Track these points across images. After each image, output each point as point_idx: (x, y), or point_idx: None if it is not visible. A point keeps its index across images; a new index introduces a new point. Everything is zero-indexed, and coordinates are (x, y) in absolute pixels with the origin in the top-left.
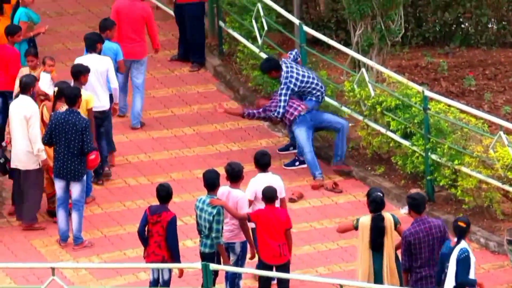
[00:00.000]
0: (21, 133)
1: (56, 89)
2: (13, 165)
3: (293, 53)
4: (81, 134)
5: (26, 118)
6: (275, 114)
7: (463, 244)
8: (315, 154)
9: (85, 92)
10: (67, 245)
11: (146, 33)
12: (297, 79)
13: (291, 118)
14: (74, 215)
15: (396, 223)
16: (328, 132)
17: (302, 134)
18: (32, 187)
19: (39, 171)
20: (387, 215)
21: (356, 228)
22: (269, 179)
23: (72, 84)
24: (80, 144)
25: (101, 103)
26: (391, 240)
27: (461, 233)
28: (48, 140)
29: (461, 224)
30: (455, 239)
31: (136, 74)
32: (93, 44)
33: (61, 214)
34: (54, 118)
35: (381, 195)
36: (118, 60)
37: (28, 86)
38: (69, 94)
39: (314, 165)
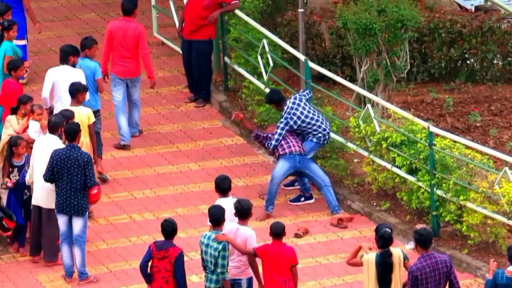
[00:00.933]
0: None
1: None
2: (35, 202)
3: (306, 92)
4: (83, 169)
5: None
6: (268, 144)
7: None
8: (308, 191)
9: (84, 109)
10: (72, 281)
11: (136, 52)
12: (298, 117)
13: (281, 153)
14: (77, 251)
15: (405, 258)
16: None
17: (282, 168)
18: (53, 224)
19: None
20: (395, 250)
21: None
22: (229, 203)
23: (70, 103)
24: (82, 179)
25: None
26: (399, 276)
27: None
28: (49, 177)
29: None
30: (510, 268)
31: (133, 91)
32: (66, 56)
33: (65, 250)
34: (55, 155)
35: (390, 231)
36: (96, 79)
37: (57, 126)
38: (69, 130)
39: (271, 199)
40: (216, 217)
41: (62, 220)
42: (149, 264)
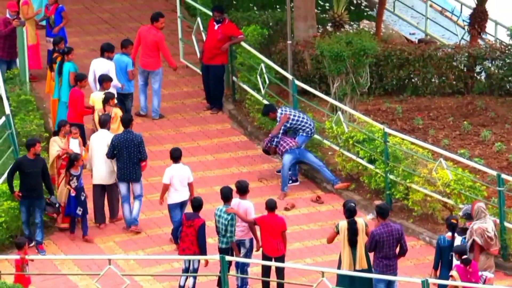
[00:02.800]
0: (103, 158)
1: (103, 96)
2: (97, 182)
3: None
4: (138, 146)
5: (107, 146)
6: (272, 142)
7: (459, 237)
8: (295, 176)
9: (100, 93)
10: (130, 231)
11: (159, 51)
12: (288, 118)
13: (283, 150)
14: (136, 204)
15: (366, 225)
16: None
17: (288, 159)
18: (115, 195)
19: (115, 184)
20: (359, 220)
21: (338, 232)
22: (180, 167)
23: (98, 88)
24: (138, 154)
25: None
26: (362, 238)
27: (454, 228)
28: (111, 155)
29: (454, 221)
30: (449, 233)
31: (153, 81)
32: (102, 52)
33: (126, 208)
34: (116, 139)
35: (354, 205)
36: (128, 70)
37: (106, 122)
38: (124, 119)
39: (285, 182)
40: (226, 195)
41: (123, 186)
42: (179, 230)
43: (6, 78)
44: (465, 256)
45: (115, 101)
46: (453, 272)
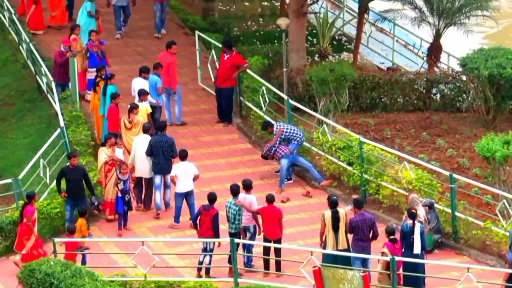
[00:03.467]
0: (145, 156)
1: (129, 106)
2: (139, 175)
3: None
4: (170, 146)
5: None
6: (271, 150)
7: (418, 224)
8: (289, 175)
9: (145, 104)
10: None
11: (176, 71)
12: (282, 132)
13: (280, 156)
14: (168, 192)
15: (346, 215)
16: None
17: (285, 163)
18: (150, 185)
19: (152, 177)
20: (340, 210)
21: (324, 220)
22: (185, 164)
23: (137, 100)
24: (171, 152)
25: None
26: (343, 224)
27: (414, 217)
28: (150, 153)
29: (413, 210)
30: (410, 221)
31: (174, 95)
32: (140, 72)
33: (157, 194)
34: (153, 140)
35: (336, 198)
36: (157, 86)
37: (148, 129)
38: (158, 126)
39: (282, 181)
40: (235, 191)
41: (158, 177)
42: (198, 218)
43: (61, 98)
44: (392, 236)
45: (138, 110)
46: (384, 249)
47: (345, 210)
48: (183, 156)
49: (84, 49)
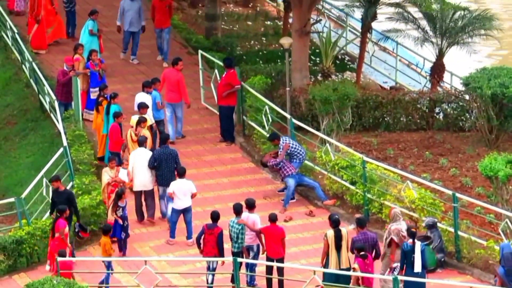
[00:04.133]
0: (145, 169)
1: (136, 119)
2: (139, 188)
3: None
4: (174, 158)
5: (146, 160)
6: (274, 163)
7: (418, 242)
8: (293, 195)
9: (147, 117)
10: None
11: (179, 88)
12: (289, 147)
13: (286, 174)
14: (170, 203)
15: (348, 234)
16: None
17: (292, 183)
18: (152, 197)
19: (152, 189)
20: (343, 229)
21: (327, 239)
22: (184, 181)
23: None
24: (175, 164)
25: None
26: (346, 243)
27: (414, 235)
28: (153, 165)
29: (413, 229)
30: (411, 240)
31: (177, 111)
32: (143, 87)
33: (162, 203)
34: (157, 152)
35: (338, 217)
36: (156, 101)
37: (143, 143)
38: (162, 138)
39: (288, 200)
40: (238, 210)
41: (161, 188)
42: (202, 237)
43: (64, 117)
44: (362, 252)
45: (147, 124)
46: (355, 265)
47: (347, 229)
48: (181, 173)
49: (88, 72)
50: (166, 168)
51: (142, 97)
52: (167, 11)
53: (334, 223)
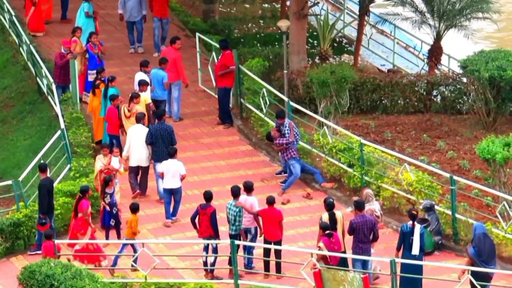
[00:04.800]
0: (142, 145)
1: (130, 95)
2: (135, 164)
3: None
4: (170, 134)
5: (143, 137)
6: (285, 141)
7: (418, 225)
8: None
9: (145, 94)
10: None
11: (176, 67)
12: (293, 126)
13: (291, 156)
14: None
15: (342, 217)
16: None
17: (298, 168)
18: (146, 175)
19: (148, 166)
20: (337, 212)
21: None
22: (174, 162)
23: (137, 90)
24: (170, 140)
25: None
26: (341, 226)
27: (415, 217)
28: (150, 141)
29: (414, 212)
30: (411, 222)
31: (173, 90)
32: (140, 66)
33: (160, 183)
34: (153, 128)
35: (332, 200)
36: (164, 82)
37: (140, 119)
38: (158, 114)
39: (288, 185)
40: (235, 192)
41: (158, 165)
42: (196, 218)
43: (61, 100)
44: (328, 231)
45: (140, 100)
46: (321, 244)
47: (342, 213)
48: (172, 153)
49: (83, 51)
50: (162, 144)
51: (141, 77)
52: (166, 1)
53: (329, 206)
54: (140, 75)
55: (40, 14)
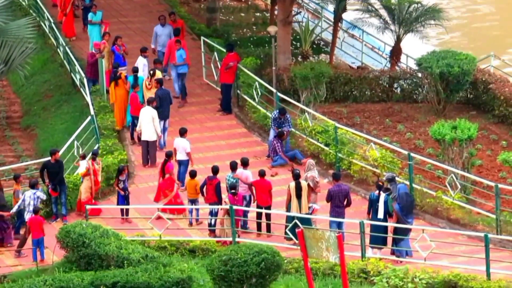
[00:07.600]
0: (150, 123)
1: (150, 71)
2: (144, 139)
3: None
4: (169, 95)
5: (152, 116)
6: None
7: (383, 194)
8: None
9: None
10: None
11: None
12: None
13: (280, 151)
14: (165, 134)
15: (308, 186)
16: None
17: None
18: (154, 148)
19: (155, 141)
20: (302, 181)
21: (289, 189)
22: (182, 140)
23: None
24: (170, 100)
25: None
26: (305, 193)
27: (381, 188)
28: (160, 104)
29: (380, 183)
30: (377, 191)
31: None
32: (141, 52)
33: (165, 135)
34: (159, 92)
35: (298, 171)
36: (184, 57)
37: (150, 103)
38: (160, 80)
39: (278, 162)
40: (233, 166)
41: (162, 122)
42: (204, 187)
43: (91, 91)
44: (233, 191)
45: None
46: (226, 199)
47: (305, 183)
48: (182, 133)
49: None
50: (165, 104)
51: (141, 60)
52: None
53: (295, 176)
54: (140, 60)
55: (72, 21)
